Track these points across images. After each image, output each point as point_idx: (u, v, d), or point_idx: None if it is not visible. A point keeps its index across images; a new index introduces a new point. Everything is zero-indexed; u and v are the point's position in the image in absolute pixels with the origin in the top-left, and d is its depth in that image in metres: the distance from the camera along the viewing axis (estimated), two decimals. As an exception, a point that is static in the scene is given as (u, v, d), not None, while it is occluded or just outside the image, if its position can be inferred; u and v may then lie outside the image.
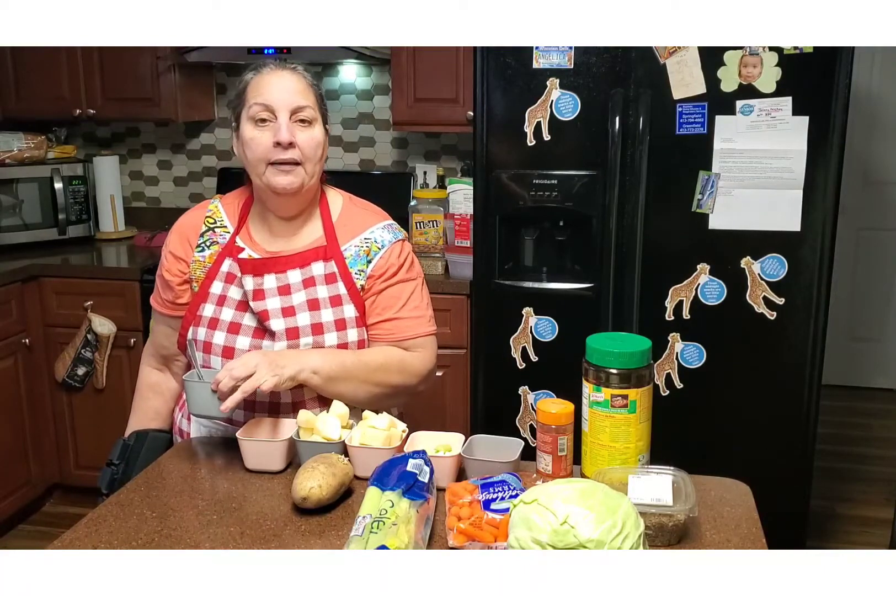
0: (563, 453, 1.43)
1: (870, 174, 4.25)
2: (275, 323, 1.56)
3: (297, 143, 1.53)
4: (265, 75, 1.56)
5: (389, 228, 1.67)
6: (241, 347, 1.58)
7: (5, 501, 3.01)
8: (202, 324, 1.61)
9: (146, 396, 1.79)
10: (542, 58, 2.41)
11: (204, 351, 1.60)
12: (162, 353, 1.76)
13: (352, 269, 1.62)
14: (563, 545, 1.09)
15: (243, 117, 1.56)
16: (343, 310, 1.60)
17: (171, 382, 1.78)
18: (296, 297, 1.59)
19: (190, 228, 1.69)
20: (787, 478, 2.52)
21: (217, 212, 1.70)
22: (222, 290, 1.62)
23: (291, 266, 1.60)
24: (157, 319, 1.74)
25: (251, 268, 1.59)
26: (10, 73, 3.32)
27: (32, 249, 3.27)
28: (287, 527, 1.33)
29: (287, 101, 1.53)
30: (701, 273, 2.46)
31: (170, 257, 1.68)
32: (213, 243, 1.65)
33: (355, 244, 1.63)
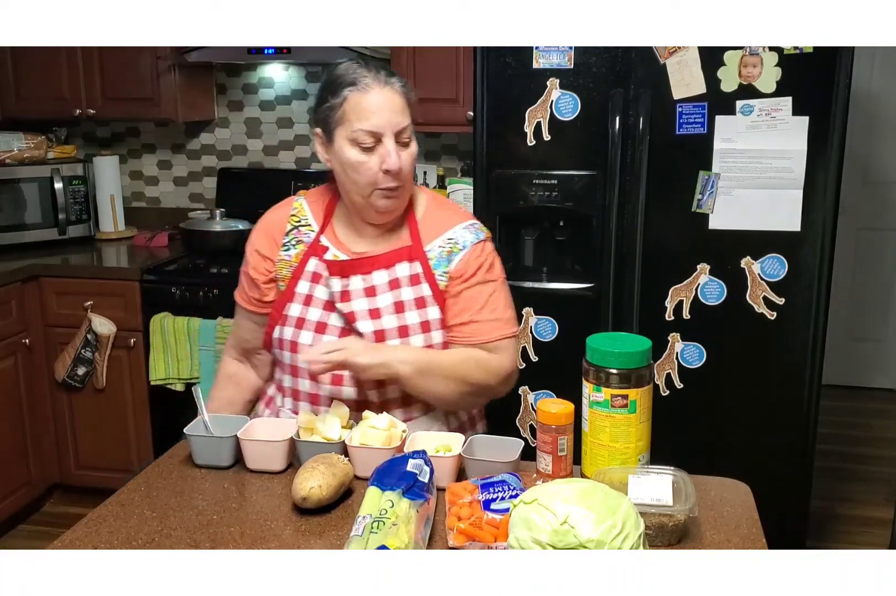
0: (563, 453, 1.43)
1: (870, 174, 4.25)
2: (362, 325, 1.57)
3: (402, 164, 1.53)
4: (365, 94, 1.51)
5: (472, 228, 1.66)
6: None
7: (5, 501, 3.01)
8: (289, 323, 1.62)
9: (223, 386, 1.79)
10: (542, 58, 2.41)
11: (290, 350, 1.62)
12: (244, 346, 1.77)
13: (435, 270, 1.61)
14: (563, 545, 1.09)
15: (340, 134, 1.53)
16: (427, 312, 1.60)
17: (250, 374, 1.79)
18: (381, 299, 1.59)
19: (275, 227, 1.68)
20: (787, 478, 2.52)
21: (302, 210, 1.68)
22: (309, 289, 1.62)
23: (377, 267, 1.60)
24: (241, 313, 1.75)
25: (338, 269, 1.60)
26: (10, 73, 3.32)
27: (32, 249, 3.27)
28: (287, 527, 1.33)
29: (392, 124, 1.51)
30: (701, 273, 2.46)
31: (255, 256, 1.68)
32: (299, 242, 1.65)
33: (438, 244, 1.62)
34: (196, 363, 2.92)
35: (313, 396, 1.63)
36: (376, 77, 1.52)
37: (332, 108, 1.53)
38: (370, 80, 1.52)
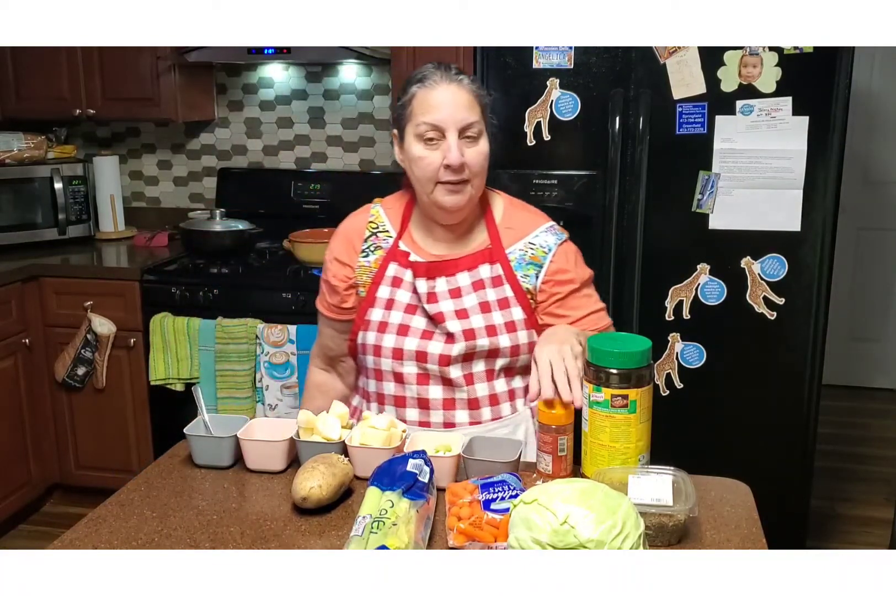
0: (563, 453, 1.43)
1: (870, 174, 4.25)
2: (451, 325, 1.58)
3: (466, 161, 1.52)
4: (431, 90, 1.53)
5: (552, 230, 1.67)
6: (409, 347, 1.60)
7: (5, 501, 3.01)
8: (371, 328, 1.63)
9: (313, 396, 1.82)
10: (542, 58, 2.42)
11: (374, 354, 1.62)
12: (328, 354, 1.79)
13: (517, 272, 1.62)
14: (563, 545, 1.09)
15: (409, 131, 1.55)
16: (511, 312, 1.61)
17: (337, 383, 1.81)
18: (467, 299, 1.60)
19: (354, 234, 1.70)
20: (787, 478, 2.52)
21: (379, 216, 1.70)
22: (389, 294, 1.64)
23: (460, 269, 1.62)
24: (323, 321, 1.77)
25: (424, 271, 1.61)
26: (10, 73, 3.32)
27: (32, 249, 3.27)
28: (287, 527, 1.33)
29: (455, 119, 1.51)
30: (701, 273, 2.46)
31: (335, 263, 1.70)
32: (377, 248, 1.67)
33: (519, 248, 1.63)
34: (196, 363, 2.92)
35: (399, 398, 1.63)
36: (444, 74, 1.54)
37: (403, 106, 1.56)
38: (437, 77, 1.54)
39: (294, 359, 2.83)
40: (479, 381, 1.61)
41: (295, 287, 2.90)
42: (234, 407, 2.88)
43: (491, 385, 1.62)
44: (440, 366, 1.59)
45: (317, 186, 3.42)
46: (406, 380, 1.61)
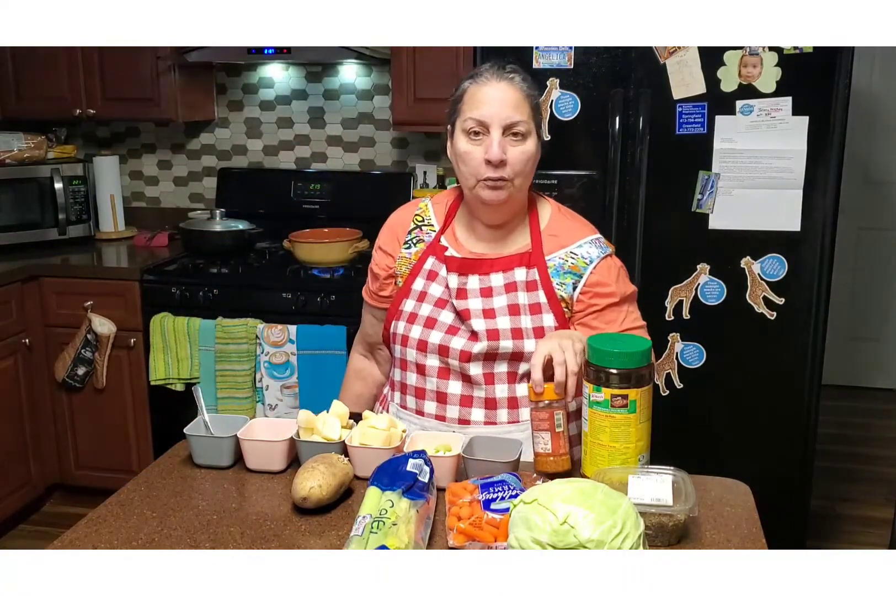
0: (561, 429, 1.42)
1: (870, 174, 4.25)
2: (476, 323, 1.58)
3: (508, 159, 1.52)
4: (482, 86, 1.53)
5: (597, 243, 1.65)
6: (433, 340, 1.61)
7: (5, 501, 3.01)
8: (402, 318, 1.66)
9: (352, 382, 1.86)
10: (542, 58, 2.42)
11: (402, 344, 1.65)
12: (368, 341, 1.83)
13: (553, 279, 1.61)
14: (563, 545, 1.09)
15: (458, 127, 1.57)
16: (542, 318, 1.60)
17: (375, 369, 1.85)
18: (497, 300, 1.60)
19: (399, 225, 1.73)
20: (787, 478, 2.52)
21: (426, 210, 1.73)
22: (423, 286, 1.66)
23: (495, 269, 1.62)
24: (365, 308, 1.81)
25: (457, 266, 1.62)
26: (10, 73, 3.32)
27: (32, 249, 3.27)
28: (287, 527, 1.33)
29: (501, 117, 1.51)
30: (701, 273, 2.46)
31: (379, 251, 1.74)
32: (420, 241, 1.69)
33: (560, 256, 1.62)
34: (196, 363, 2.92)
35: (419, 390, 1.64)
36: (496, 71, 1.54)
37: (455, 102, 1.58)
38: (489, 74, 1.54)
39: (294, 359, 2.83)
40: (499, 382, 1.60)
41: (295, 287, 2.90)
42: (234, 407, 2.88)
43: (512, 388, 1.60)
44: (461, 361, 1.58)
45: (317, 186, 3.42)
46: (427, 372, 1.62)
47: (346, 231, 3.09)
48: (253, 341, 2.85)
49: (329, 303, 2.85)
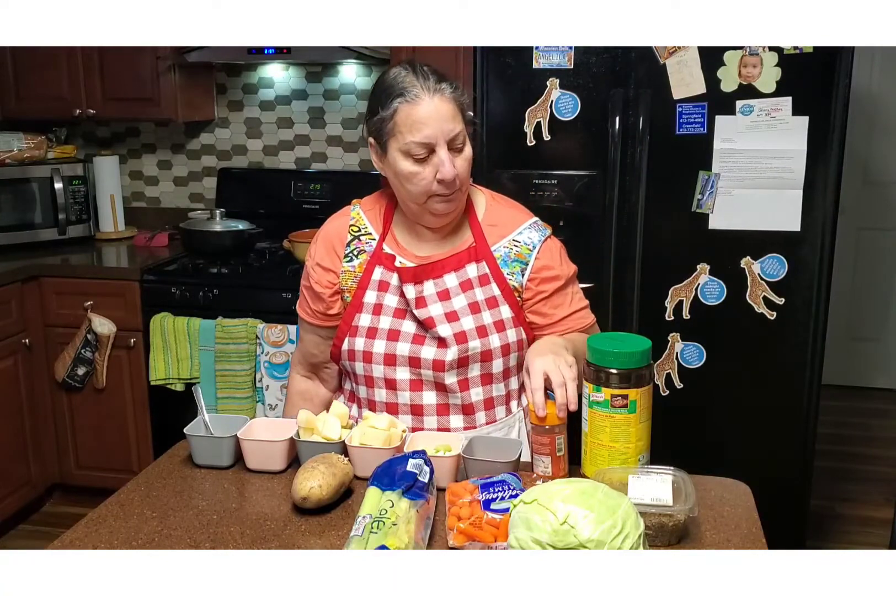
0: (561, 453, 1.43)
1: (870, 174, 4.25)
2: (442, 329, 1.55)
3: (457, 171, 1.50)
4: (415, 106, 1.46)
5: (535, 227, 1.65)
6: (401, 353, 1.57)
7: (5, 501, 3.01)
8: (359, 334, 1.60)
9: (296, 404, 1.77)
10: (542, 58, 2.41)
11: (364, 361, 1.60)
12: (311, 360, 1.76)
13: (503, 269, 1.60)
14: (563, 545, 1.09)
15: (393, 146, 1.50)
16: (500, 311, 1.59)
17: (321, 389, 1.79)
18: (456, 301, 1.58)
19: (336, 238, 1.67)
20: (787, 478, 2.52)
21: (360, 219, 1.67)
22: (377, 298, 1.61)
23: (447, 270, 1.59)
24: (306, 328, 1.74)
25: (411, 276, 1.58)
26: (10, 73, 3.32)
27: (32, 249, 3.27)
28: (287, 527, 1.33)
29: (444, 132, 1.47)
30: (701, 273, 2.46)
31: (318, 269, 1.67)
32: (361, 252, 1.64)
33: (504, 245, 1.61)
34: (196, 363, 2.92)
35: (391, 405, 1.61)
36: (425, 85, 1.47)
37: (384, 120, 1.50)
38: (419, 90, 1.47)
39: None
40: (474, 386, 1.59)
41: (295, 287, 2.86)
42: (234, 407, 2.88)
43: (487, 389, 1.60)
44: (434, 371, 1.56)
45: (317, 186, 3.42)
46: (399, 386, 1.59)
47: (346, 231, 3.09)
48: (253, 341, 2.85)
49: (329, 303, 2.85)
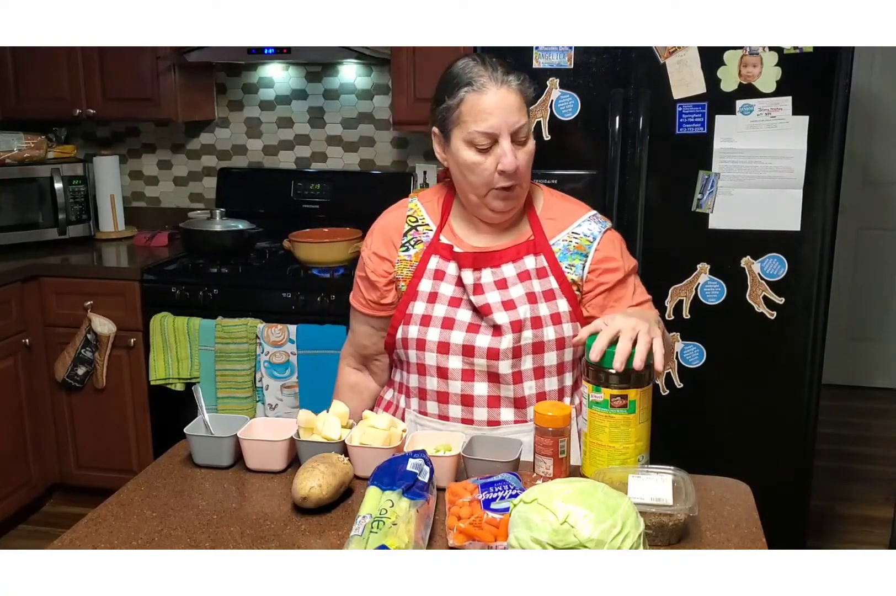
0: (564, 456, 1.43)
1: (870, 174, 4.25)
2: (498, 316, 1.55)
3: (519, 163, 1.50)
4: (482, 95, 1.47)
5: (595, 219, 1.65)
6: (455, 341, 1.57)
7: (5, 501, 3.01)
8: (413, 322, 1.61)
9: (346, 397, 1.77)
10: (542, 58, 2.42)
11: (417, 348, 1.60)
12: (362, 352, 1.77)
13: (562, 263, 1.60)
14: (563, 545, 1.09)
15: (456, 135, 1.51)
16: (557, 304, 1.58)
17: (370, 382, 1.80)
18: (513, 290, 1.58)
19: (392, 229, 1.68)
20: (787, 478, 2.52)
21: (417, 210, 1.68)
22: (432, 287, 1.61)
23: (505, 260, 1.59)
24: (359, 319, 1.74)
25: (470, 261, 1.59)
26: (10, 73, 3.32)
27: (32, 249, 3.27)
28: (287, 527, 1.33)
29: (508, 124, 1.48)
30: (701, 273, 2.46)
31: (374, 258, 1.67)
32: (418, 242, 1.65)
33: (563, 238, 1.61)
34: (196, 363, 2.92)
35: (441, 394, 1.60)
36: (492, 76, 1.48)
37: (449, 109, 1.51)
38: (486, 80, 1.48)
39: (294, 359, 2.83)
40: (527, 378, 1.58)
41: (295, 287, 2.90)
42: (234, 407, 2.88)
43: (540, 383, 1.59)
44: (488, 360, 1.56)
45: (317, 186, 3.42)
46: (450, 375, 1.58)
47: (345, 231, 3.09)
48: (253, 341, 2.85)
49: (329, 303, 2.85)
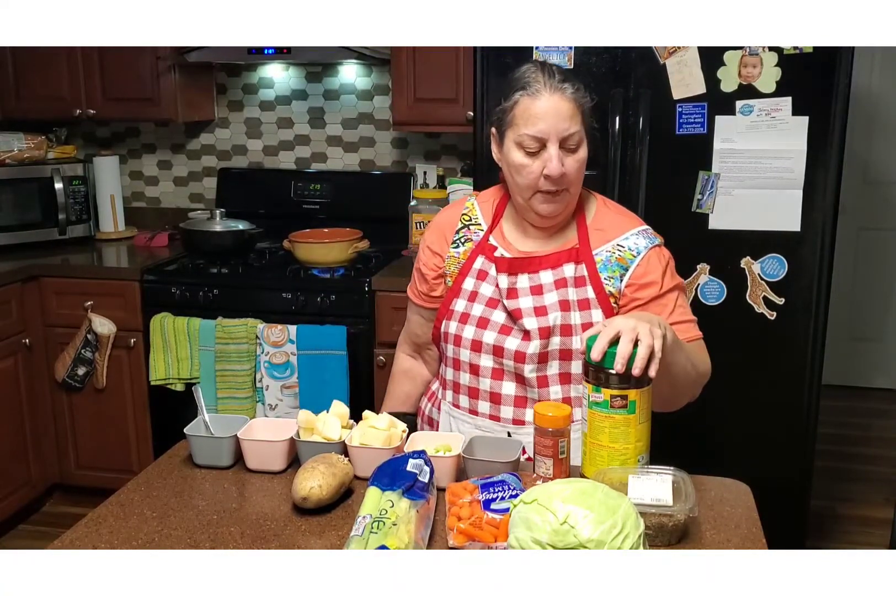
0: (564, 456, 1.43)
1: (870, 174, 4.25)
2: (528, 322, 1.58)
3: (565, 170, 1.52)
4: (535, 100, 1.51)
5: (644, 234, 1.64)
6: (487, 341, 1.61)
7: (5, 501, 3.01)
8: (454, 318, 1.66)
9: (399, 381, 1.86)
10: (541, 58, 2.41)
11: (454, 344, 1.65)
12: (415, 341, 1.83)
13: (601, 273, 1.60)
14: (563, 545, 1.09)
15: (509, 136, 1.55)
16: (591, 314, 1.59)
17: (423, 369, 1.85)
18: (548, 297, 1.60)
19: (447, 225, 1.73)
20: (787, 478, 2.52)
21: (473, 210, 1.72)
22: (474, 286, 1.65)
23: (544, 267, 1.61)
24: (412, 309, 1.81)
25: (507, 267, 1.62)
26: (10, 73, 3.32)
27: (32, 249, 3.27)
28: (287, 527, 1.33)
29: (557, 130, 1.50)
30: (701, 273, 2.46)
31: (427, 251, 1.74)
32: (468, 240, 1.69)
33: (607, 249, 1.61)
34: (196, 363, 2.92)
35: (472, 389, 1.65)
36: (548, 82, 1.52)
37: (504, 111, 1.55)
38: (541, 86, 1.51)
39: (294, 359, 2.83)
40: (553, 383, 1.60)
41: (295, 287, 2.90)
42: (234, 407, 2.88)
43: (565, 388, 1.60)
44: (515, 362, 1.59)
45: (317, 186, 3.42)
46: (481, 373, 1.63)
47: (346, 231, 3.09)
48: (253, 341, 2.85)
49: (329, 303, 2.85)
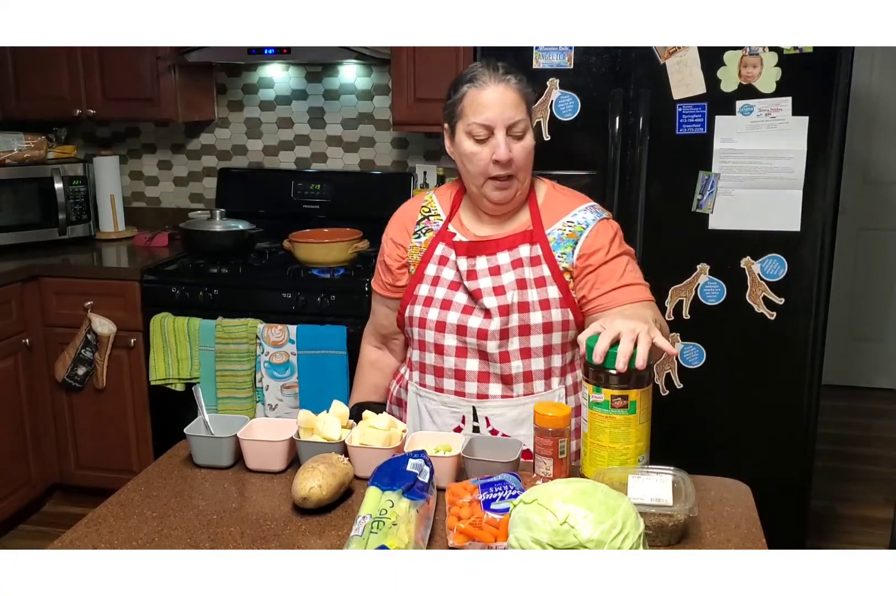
0: (564, 456, 1.43)
1: (870, 174, 4.25)
2: (488, 301, 1.66)
3: (513, 156, 1.61)
4: (481, 90, 1.60)
5: (592, 209, 1.73)
6: (451, 321, 1.69)
7: (5, 501, 3.01)
8: (418, 302, 1.74)
9: (368, 372, 1.94)
10: (542, 58, 2.42)
11: (419, 326, 1.72)
12: (381, 332, 1.90)
13: (555, 251, 1.68)
14: (563, 545, 1.09)
15: (460, 128, 1.64)
16: (547, 290, 1.67)
17: (390, 359, 1.92)
18: (505, 276, 1.68)
19: (408, 217, 1.82)
20: (787, 478, 2.52)
21: (431, 202, 1.82)
22: (436, 271, 1.74)
23: (500, 249, 1.70)
24: (378, 300, 1.88)
25: (465, 250, 1.71)
26: (10, 73, 3.32)
27: (32, 249, 3.27)
28: (287, 527, 1.33)
29: (503, 118, 1.59)
30: (701, 273, 2.46)
31: (390, 244, 1.82)
32: (428, 230, 1.78)
33: (558, 227, 1.70)
34: (196, 363, 2.92)
35: (437, 368, 1.72)
36: (493, 74, 1.61)
37: (454, 104, 1.65)
38: (486, 78, 1.61)
39: (294, 359, 2.83)
40: (514, 358, 1.66)
41: (295, 287, 2.90)
42: (234, 407, 2.88)
43: (526, 363, 1.67)
44: (478, 339, 1.66)
45: (317, 186, 3.42)
46: (446, 351, 1.70)
47: (346, 231, 3.09)
48: (253, 341, 2.85)
49: (329, 303, 2.85)
